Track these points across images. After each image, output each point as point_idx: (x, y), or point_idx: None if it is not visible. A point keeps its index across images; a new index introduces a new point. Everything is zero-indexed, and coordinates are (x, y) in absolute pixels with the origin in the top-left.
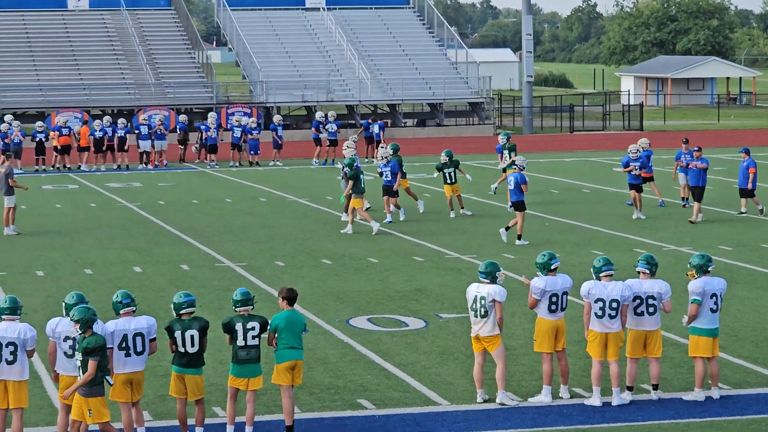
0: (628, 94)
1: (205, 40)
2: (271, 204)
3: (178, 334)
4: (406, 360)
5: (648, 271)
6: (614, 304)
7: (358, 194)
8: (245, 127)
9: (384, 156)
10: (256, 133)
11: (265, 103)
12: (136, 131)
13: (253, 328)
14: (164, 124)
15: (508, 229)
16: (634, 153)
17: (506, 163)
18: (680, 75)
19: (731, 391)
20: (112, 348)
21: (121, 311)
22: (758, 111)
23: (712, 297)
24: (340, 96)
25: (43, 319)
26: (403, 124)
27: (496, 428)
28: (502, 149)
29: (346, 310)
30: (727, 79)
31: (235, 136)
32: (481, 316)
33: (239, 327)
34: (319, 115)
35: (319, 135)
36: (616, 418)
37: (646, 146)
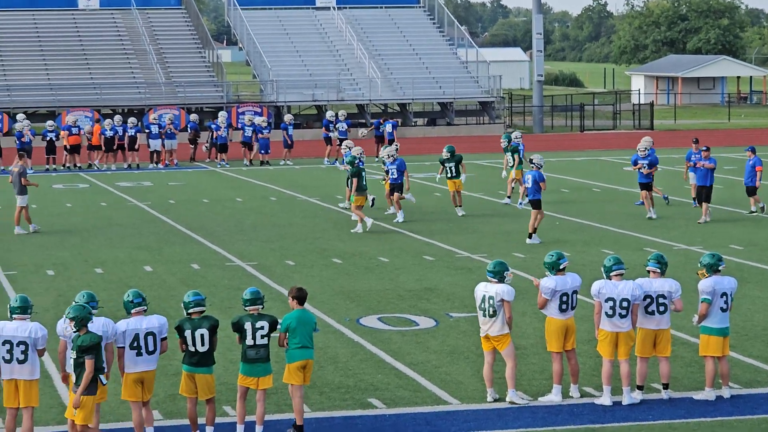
0: (639, 94)
1: (215, 39)
2: (282, 203)
3: (188, 333)
4: (416, 359)
5: (658, 270)
6: (625, 304)
7: (361, 192)
8: (256, 126)
9: (390, 154)
10: (267, 132)
11: (275, 103)
12: (147, 130)
13: (262, 328)
14: (174, 124)
15: (530, 237)
16: (642, 151)
17: (513, 166)
18: (691, 74)
19: (742, 391)
20: (124, 347)
21: (132, 310)
22: None
23: (722, 296)
24: (351, 95)
25: (53, 318)
26: (414, 124)
27: (506, 427)
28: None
29: (356, 310)
30: (738, 78)
31: (246, 135)
32: (490, 315)
33: (248, 326)
34: (329, 115)
35: (330, 134)
36: (627, 417)
37: (649, 145)
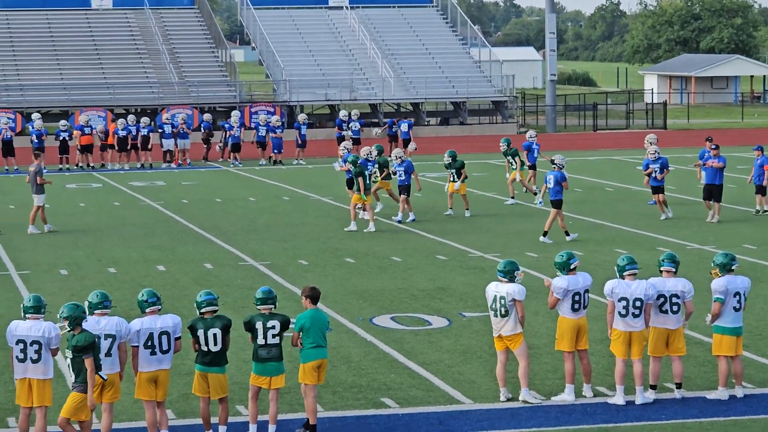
0: (652, 93)
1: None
2: (295, 203)
3: (201, 332)
4: (429, 359)
5: (673, 270)
6: (638, 303)
7: (366, 192)
8: (270, 126)
9: (397, 156)
10: (280, 131)
11: (288, 102)
12: (160, 130)
13: (273, 327)
14: (187, 123)
15: (568, 234)
16: (653, 154)
17: (515, 168)
18: (704, 73)
19: (755, 390)
20: (138, 346)
21: (146, 310)
22: None
23: (735, 296)
24: (364, 95)
25: None
26: (427, 123)
27: (519, 427)
28: (528, 147)
29: (369, 309)
30: (751, 77)
31: (260, 135)
32: (502, 315)
33: (259, 326)
34: (342, 114)
35: (343, 134)
36: (640, 416)
37: (653, 141)
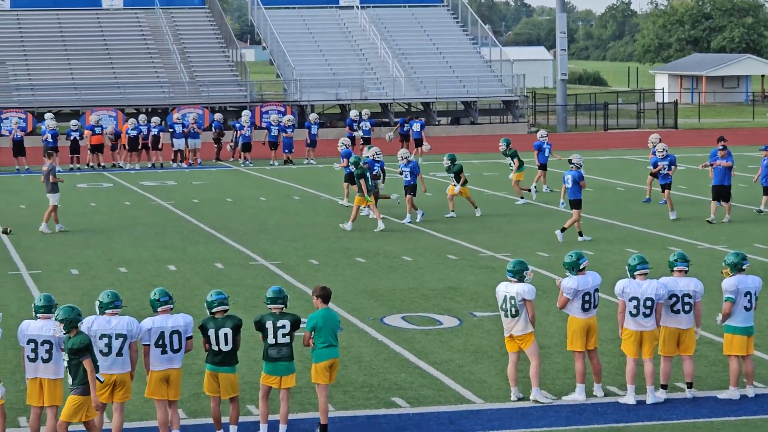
0: (663, 92)
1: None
2: (305, 202)
3: (212, 332)
4: (440, 358)
5: (686, 269)
6: (648, 303)
7: (368, 192)
8: (281, 126)
9: (403, 156)
10: (290, 131)
11: (299, 102)
12: (170, 130)
13: (284, 326)
14: (198, 123)
15: (581, 235)
16: (661, 152)
17: (514, 169)
18: (715, 73)
19: (766, 390)
20: (149, 345)
21: (158, 309)
22: None
23: (746, 295)
24: (374, 94)
25: None
26: (437, 123)
27: (530, 426)
28: (539, 147)
29: (380, 309)
30: (762, 76)
31: (272, 135)
32: (512, 315)
33: (269, 325)
34: (353, 114)
35: (354, 134)
36: (651, 416)
37: (656, 141)
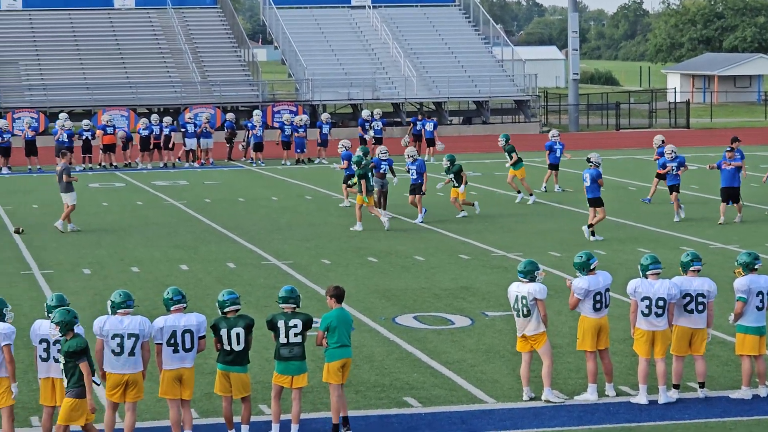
0: (675, 92)
1: (250, 38)
2: (317, 202)
3: (224, 332)
4: (452, 358)
5: (700, 269)
6: (660, 302)
7: (369, 193)
8: (294, 126)
9: (410, 155)
10: (302, 131)
11: (310, 101)
12: (183, 129)
13: (295, 326)
14: (210, 123)
15: (593, 234)
16: (670, 153)
17: (510, 164)
18: (727, 72)
19: None
20: (162, 344)
21: (171, 308)
22: None
23: (758, 295)
24: (386, 94)
25: (90, 317)
26: (449, 122)
27: (542, 426)
28: (550, 147)
29: (392, 308)
30: None
31: (285, 135)
32: (524, 315)
33: (281, 324)
34: (365, 114)
35: (365, 135)
36: (663, 416)
37: (659, 143)
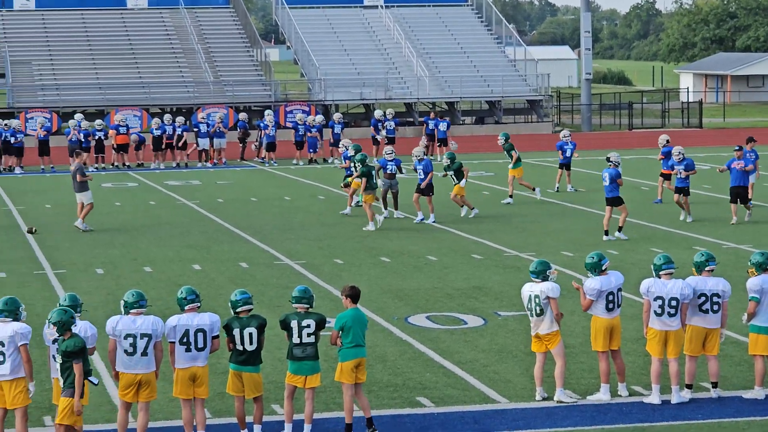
0: (687, 92)
1: (263, 38)
2: (330, 202)
3: (237, 332)
4: (464, 358)
5: (714, 268)
6: (673, 302)
7: (370, 190)
8: (307, 125)
9: (417, 154)
10: (315, 131)
11: (323, 101)
12: (195, 129)
13: (309, 326)
14: (223, 122)
15: (620, 230)
16: (677, 155)
17: (511, 164)
18: (740, 72)
19: None
20: (175, 342)
21: (185, 307)
22: None
23: None
24: (399, 94)
25: (103, 316)
26: (462, 122)
27: (555, 426)
28: (561, 147)
29: (404, 308)
30: None
31: (299, 134)
32: (537, 314)
33: (294, 324)
34: (378, 114)
35: (377, 136)
36: (676, 416)
37: (664, 143)
